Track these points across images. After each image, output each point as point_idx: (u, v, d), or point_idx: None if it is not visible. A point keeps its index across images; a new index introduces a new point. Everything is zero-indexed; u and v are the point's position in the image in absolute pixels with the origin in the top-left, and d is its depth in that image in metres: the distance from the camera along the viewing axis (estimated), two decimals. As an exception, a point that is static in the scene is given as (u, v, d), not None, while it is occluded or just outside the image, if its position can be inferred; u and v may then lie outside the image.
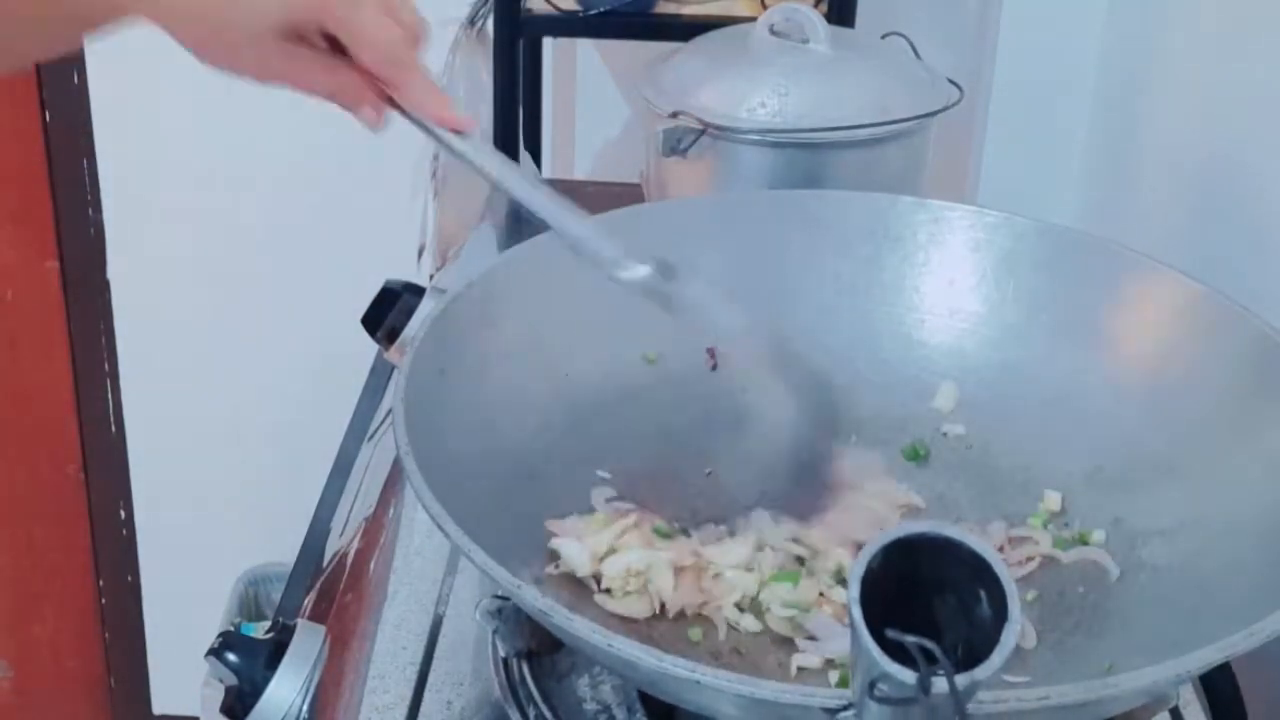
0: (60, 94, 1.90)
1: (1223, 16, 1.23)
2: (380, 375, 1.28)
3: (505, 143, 1.49)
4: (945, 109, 1.16)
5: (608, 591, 0.80)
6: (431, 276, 1.50)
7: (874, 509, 0.88)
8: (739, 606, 0.81)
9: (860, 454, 0.92)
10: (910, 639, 0.51)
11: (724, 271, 0.97)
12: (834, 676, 0.77)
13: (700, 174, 1.15)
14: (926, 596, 0.55)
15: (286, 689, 0.88)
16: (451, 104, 0.81)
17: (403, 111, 0.79)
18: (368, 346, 1.04)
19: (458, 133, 0.80)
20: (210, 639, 0.90)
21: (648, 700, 0.76)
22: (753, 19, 1.20)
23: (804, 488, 0.89)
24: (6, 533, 2.13)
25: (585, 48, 1.79)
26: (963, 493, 0.91)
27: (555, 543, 0.82)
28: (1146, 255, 0.92)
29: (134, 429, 2.10)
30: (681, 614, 0.80)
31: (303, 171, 1.88)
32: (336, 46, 0.77)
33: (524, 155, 1.58)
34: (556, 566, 0.81)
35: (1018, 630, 0.52)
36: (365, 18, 0.75)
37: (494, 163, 0.82)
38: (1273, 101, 1.10)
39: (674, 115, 1.14)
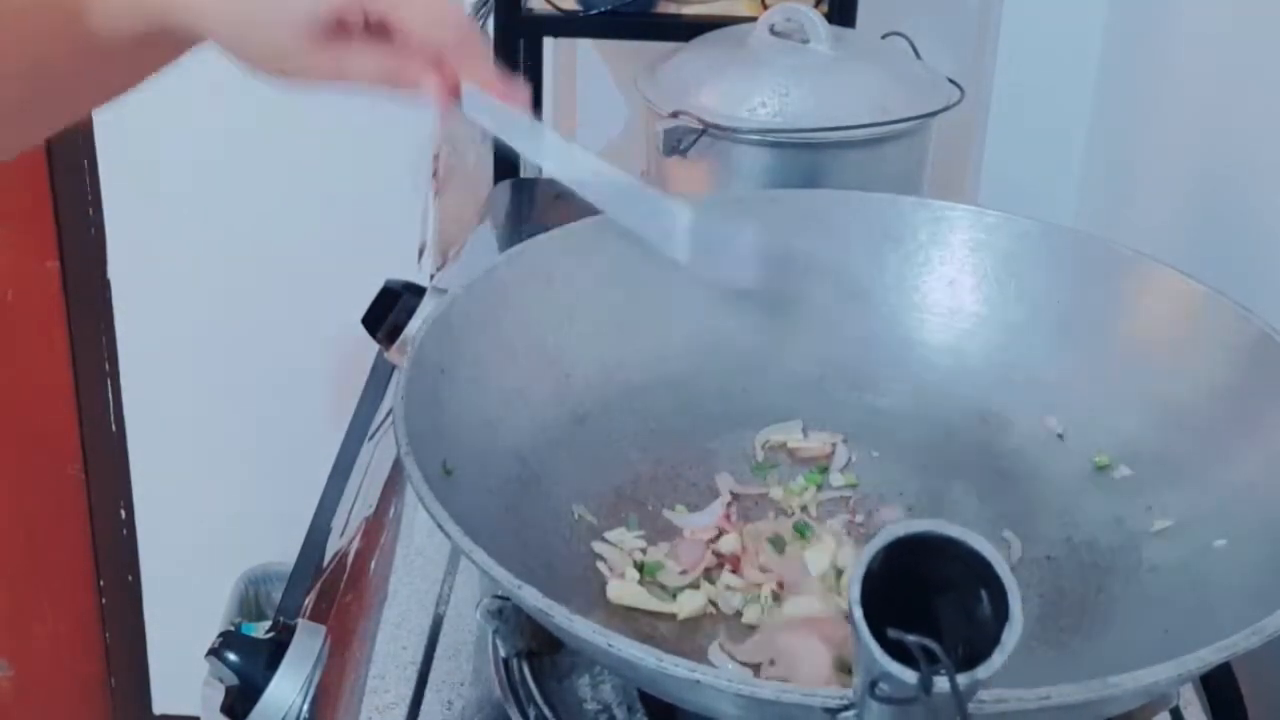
0: (60, 94, 1.89)
1: (1222, 16, 1.23)
2: (380, 375, 1.28)
3: (505, 143, 1.49)
4: (945, 109, 1.16)
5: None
6: (432, 276, 1.50)
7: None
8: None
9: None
10: (911, 638, 0.51)
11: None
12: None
13: (700, 174, 1.15)
14: (927, 596, 0.55)
15: (286, 689, 0.88)
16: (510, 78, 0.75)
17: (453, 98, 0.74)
18: (368, 346, 1.04)
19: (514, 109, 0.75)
20: (210, 639, 0.90)
21: (648, 700, 0.76)
22: (753, 19, 1.20)
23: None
24: (6, 533, 2.13)
25: (585, 48, 1.79)
26: (963, 494, 0.91)
27: None
28: (1147, 255, 0.92)
29: (134, 429, 2.10)
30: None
31: (303, 171, 1.88)
32: (379, 36, 0.74)
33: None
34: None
35: (1019, 630, 0.52)
36: None
37: (552, 146, 0.77)
38: (1273, 101, 1.10)
39: (674, 115, 1.14)
